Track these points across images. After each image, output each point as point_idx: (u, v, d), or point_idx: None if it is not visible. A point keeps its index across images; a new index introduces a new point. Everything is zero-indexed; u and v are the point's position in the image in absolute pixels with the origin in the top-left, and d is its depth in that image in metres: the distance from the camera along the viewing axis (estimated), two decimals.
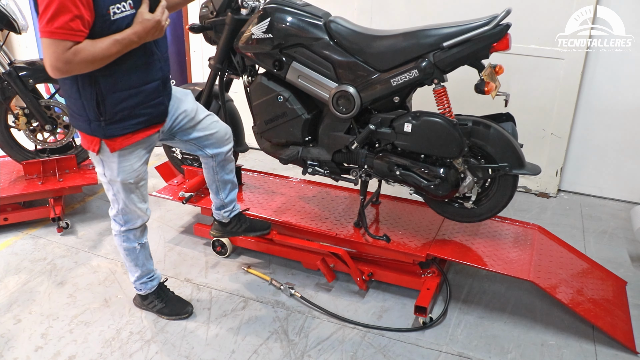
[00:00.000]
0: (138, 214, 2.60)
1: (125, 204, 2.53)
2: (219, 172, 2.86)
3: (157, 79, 2.34)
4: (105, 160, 2.40)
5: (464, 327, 2.81)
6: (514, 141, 2.62)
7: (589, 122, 4.10)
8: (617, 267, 3.28)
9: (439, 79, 2.57)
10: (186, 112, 2.59)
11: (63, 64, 1.99)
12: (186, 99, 2.62)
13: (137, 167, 2.44)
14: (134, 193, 2.51)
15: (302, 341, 2.70)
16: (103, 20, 2.04)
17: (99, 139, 2.31)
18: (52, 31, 1.94)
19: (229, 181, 2.93)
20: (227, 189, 2.95)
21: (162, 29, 2.18)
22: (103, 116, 2.24)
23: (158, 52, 2.32)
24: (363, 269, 3.02)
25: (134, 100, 2.28)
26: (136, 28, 2.10)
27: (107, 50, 2.05)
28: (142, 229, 2.69)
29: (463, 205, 2.85)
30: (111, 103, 2.23)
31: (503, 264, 2.77)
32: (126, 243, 2.67)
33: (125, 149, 2.37)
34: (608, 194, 4.25)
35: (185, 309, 2.88)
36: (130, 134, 2.34)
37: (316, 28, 2.74)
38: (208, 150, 2.74)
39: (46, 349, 2.64)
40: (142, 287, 2.83)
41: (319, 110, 2.97)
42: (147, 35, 2.14)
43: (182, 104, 2.59)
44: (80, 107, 2.26)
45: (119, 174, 2.41)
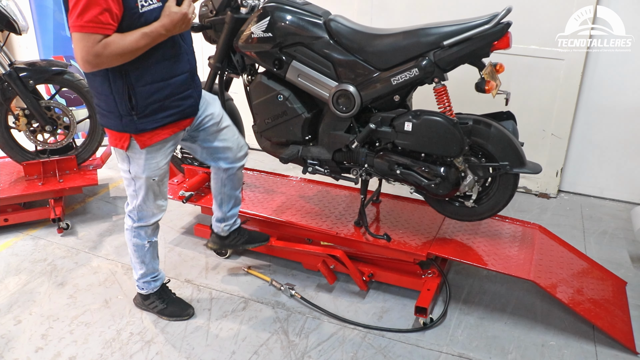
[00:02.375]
0: (154, 211, 2.63)
1: (144, 200, 2.56)
2: (227, 185, 2.89)
3: (186, 71, 2.39)
4: (132, 157, 2.43)
5: (464, 327, 2.80)
6: (514, 140, 2.62)
7: (589, 123, 4.10)
8: (617, 267, 3.28)
9: (440, 77, 2.57)
10: (213, 115, 2.64)
11: (93, 57, 2.03)
12: (214, 103, 2.68)
13: (162, 164, 2.49)
14: (154, 190, 2.55)
15: (302, 342, 2.70)
16: (132, 14, 2.08)
17: (129, 135, 2.35)
18: (82, 25, 1.98)
19: (234, 196, 2.96)
20: (230, 204, 2.98)
21: (189, 21, 2.21)
22: (135, 110, 2.28)
23: (185, 45, 2.37)
24: (363, 270, 3.01)
25: (164, 93, 2.32)
26: (164, 21, 2.13)
27: (136, 43, 2.09)
28: (154, 227, 2.71)
29: (464, 204, 2.84)
30: (142, 96, 2.27)
31: (504, 263, 2.77)
32: (136, 239, 2.69)
33: (153, 146, 2.41)
34: (608, 194, 4.25)
35: (186, 311, 2.88)
36: (160, 130, 2.39)
37: (316, 27, 2.74)
38: (222, 163, 2.78)
39: (46, 350, 2.64)
40: (144, 286, 2.83)
41: (319, 109, 2.97)
42: (175, 28, 2.17)
43: (210, 106, 2.64)
44: (111, 103, 2.29)
45: (144, 171, 2.45)
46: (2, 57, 3.54)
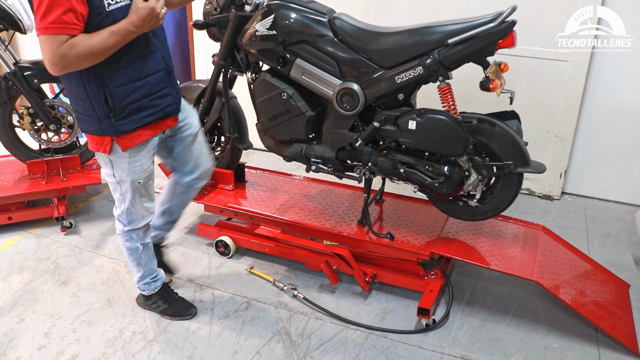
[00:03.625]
0: (143, 214, 2.61)
1: (132, 203, 2.54)
2: (177, 199, 2.92)
3: (161, 69, 2.36)
4: (115, 161, 2.41)
5: (466, 329, 2.79)
6: (519, 139, 2.61)
7: (594, 125, 4.09)
8: (621, 270, 3.26)
9: (444, 76, 2.57)
10: (191, 125, 2.66)
11: (59, 59, 2.00)
12: (193, 114, 2.72)
13: (146, 167, 2.47)
14: (141, 193, 2.53)
15: (304, 342, 2.69)
16: (98, 13, 2.05)
17: (110, 138, 2.32)
18: (46, 26, 1.95)
19: (176, 212, 2.99)
20: (169, 217, 3.00)
21: (159, 16, 2.16)
22: (113, 112, 2.26)
23: (158, 43, 2.34)
24: (366, 271, 3.00)
25: (140, 92, 2.29)
26: (132, 18, 2.09)
27: (104, 42, 2.05)
28: (145, 229, 2.68)
29: (467, 203, 2.83)
30: (119, 97, 2.24)
31: (507, 264, 2.76)
32: (129, 242, 2.67)
33: (136, 148, 2.38)
34: (612, 196, 4.23)
35: (188, 311, 2.87)
36: (141, 130, 2.36)
37: (320, 25, 2.74)
38: (186, 176, 2.83)
39: (49, 348, 2.64)
40: (145, 288, 2.82)
41: (323, 107, 2.97)
42: (144, 24, 2.12)
43: (190, 116, 2.67)
44: (89, 106, 2.26)
45: (129, 174, 2.43)
46: (7, 56, 3.56)
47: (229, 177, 3.48)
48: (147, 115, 2.35)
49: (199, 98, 3.32)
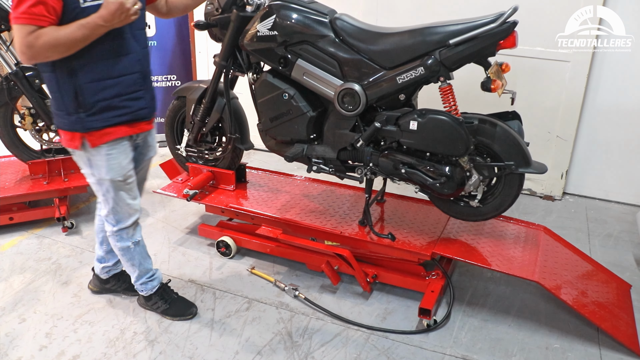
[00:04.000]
0: (129, 212, 2.60)
1: (116, 202, 2.54)
2: None
3: (136, 72, 2.37)
4: (92, 160, 2.42)
5: (468, 329, 2.79)
6: (520, 139, 2.61)
7: (595, 125, 4.09)
8: (622, 270, 3.26)
9: (445, 76, 2.57)
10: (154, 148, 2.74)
11: (26, 48, 2.04)
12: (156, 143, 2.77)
13: (125, 164, 2.47)
14: (123, 190, 2.52)
15: (305, 343, 2.69)
16: (73, 8, 2.09)
17: (80, 134, 2.34)
18: (17, 16, 2.02)
19: None
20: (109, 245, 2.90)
21: (128, 12, 2.13)
22: (82, 107, 2.28)
23: (136, 45, 2.35)
24: (367, 271, 3.00)
25: (111, 91, 2.31)
26: (101, 12, 2.09)
27: (72, 34, 2.07)
28: (135, 227, 2.67)
29: (469, 203, 2.83)
30: (89, 93, 2.26)
31: (508, 264, 2.76)
32: (120, 243, 2.67)
33: (112, 146, 2.39)
34: (614, 197, 4.23)
35: (189, 310, 2.87)
36: (111, 128, 2.37)
37: (321, 25, 2.75)
38: None
39: (50, 349, 2.64)
40: (143, 288, 2.82)
41: (324, 107, 2.97)
42: (114, 19, 2.11)
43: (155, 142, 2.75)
44: (60, 100, 2.30)
45: (107, 172, 2.43)
46: (8, 56, 3.56)
47: (230, 178, 3.48)
48: (117, 115, 2.36)
49: (200, 98, 3.33)
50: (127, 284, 3.02)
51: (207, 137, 3.46)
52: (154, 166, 4.68)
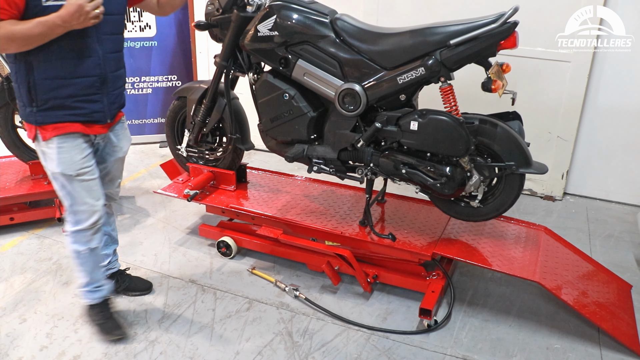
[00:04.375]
0: (88, 211, 2.53)
1: (73, 199, 2.49)
2: None
3: (94, 75, 2.35)
4: (45, 152, 2.42)
5: (468, 330, 2.79)
6: (520, 140, 2.61)
7: (596, 125, 4.09)
8: (623, 270, 3.27)
9: (446, 77, 2.57)
10: (121, 149, 2.69)
11: None
12: (128, 140, 2.75)
13: (77, 159, 2.43)
14: (79, 187, 2.47)
15: (306, 343, 2.69)
16: (34, 5, 2.10)
17: (34, 126, 2.36)
18: None
19: (105, 233, 2.88)
20: (102, 241, 2.81)
21: (87, 15, 2.12)
22: (35, 102, 2.30)
23: (99, 49, 2.33)
24: (368, 271, 3.00)
25: (65, 91, 2.31)
26: (61, 12, 2.10)
27: (29, 30, 2.08)
28: (94, 231, 2.58)
29: (469, 204, 2.83)
30: (42, 89, 2.28)
31: (509, 264, 2.76)
32: (74, 245, 2.59)
33: (63, 139, 2.37)
34: (614, 197, 4.23)
35: (116, 331, 2.72)
36: (64, 124, 2.36)
37: (322, 25, 2.75)
38: None
39: (51, 349, 2.64)
40: (86, 296, 2.72)
41: (324, 108, 2.97)
42: (72, 20, 2.11)
43: (124, 140, 2.71)
44: (18, 91, 2.34)
45: (58, 165, 2.41)
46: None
47: (231, 178, 3.48)
48: (69, 114, 2.35)
49: (201, 99, 3.33)
50: (127, 283, 3.03)
51: (207, 137, 3.46)
52: (154, 167, 4.71)
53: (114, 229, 2.96)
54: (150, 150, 5.23)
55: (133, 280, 3.08)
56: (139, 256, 3.41)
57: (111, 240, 2.95)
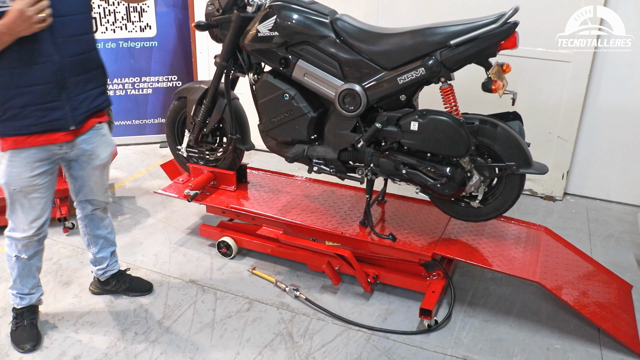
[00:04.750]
0: (22, 227, 2.48)
1: (12, 210, 2.46)
2: (88, 226, 2.82)
3: (50, 82, 2.25)
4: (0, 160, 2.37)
5: (469, 330, 2.79)
6: (521, 140, 2.61)
7: (596, 125, 4.09)
8: (623, 271, 3.26)
9: (446, 77, 2.57)
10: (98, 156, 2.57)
11: None
12: (105, 147, 2.60)
13: (25, 176, 2.35)
14: (19, 201, 2.42)
15: (306, 343, 2.69)
16: None
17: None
18: None
19: (101, 236, 2.87)
20: (98, 245, 2.89)
21: (30, 20, 2.02)
22: None
23: (56, 54, 2.22)
24: (368, 271, 3.00)
25: (22, 100, 2.22)
26: (4, 19, 2.01)
27: None
28: (26, 245, 2.54)
29: (469, 204, 2.83)
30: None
31: (509, 265, 2.76)
32: (7, 248, 2.58)
33: (15, 154, 2.31)
34: (615, 197, 4.23)
35: (24, 344, 2.63)
36: (24, 137, 2.28)
37: (322, 26, 2.75)
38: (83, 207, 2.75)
39: (51, 349, 2.64)
40: (12, 298, 2.70)
41: (325, 108, 2.97)
42: (15, 26, 2.02)
43: (100, 147, 2.57)
44: None
45: (3, 177, 2.36)
46: None
47: (231, 178, 3.48)
48: (29, 124, 2.27)
49: (201, 99, 3.33)
50: (128, 284, 3.02)
51: (207, 137, 3.46)
52: (154, 167, 4.71)
53: (110, 232, 2.92)
54: (150, 151, 5.22)
55: (134, 280, 3.07)
56: (139, 256, 3.42)
57: (107, 243, 2.92)
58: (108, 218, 2.90)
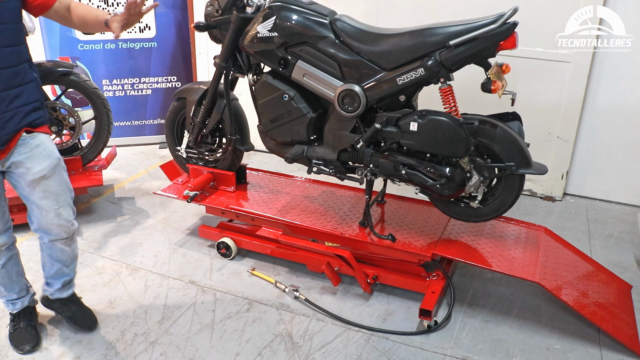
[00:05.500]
0: None
1: None
2: (44, 251, 2.63)
3: None
4: None
5: (468, 330, 2.79)
6: (520, 140, 2.61)
7: (595, 126, 4.09)
8: (623, 271, 3.26)
9: (445, 77, 2.57)
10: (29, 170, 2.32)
11: None
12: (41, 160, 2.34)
13: None
14: None
15: (306, 344, 2.69)
16: None
17: None
18: None
19: (55, 265, 2.65)
20: (52, 270, 2.67)
21: None
22: None
23: None
24: (368, 272, 3.00)
25: None
26: None
27: None
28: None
29: (469, 204, 2.83)
30: None
31: (509, 265, 2.76)
32: None
33: None
34: (614, 197, 4.23)
35: (23, 345, 2.61)
36: None
37: (322, 26, 2.75)
38: (34, 225, 2.53)
39: (51, 350, 2.64)
40: (5, 306, 2.67)
41: (324, 109, 2.97)
42: None
43: (32, 160, 2.32)
44: None
45: None
46: None
47: (231, 179, 3.48)
48: None
49: (201, 100, 3.33)
50: (71, 312, 2.77)
51: (207, 138, 3.46)
52: (154, 168, 4.71)
53: (67, 265, 2.67)
54: (149, 152, 5.22)
55: (80, 311, 2.80)
56: (138, 257, 3.41)
57: (62, 272, 2.69)
58: (72, 251, 2.66)
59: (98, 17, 2.35)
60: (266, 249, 3.29)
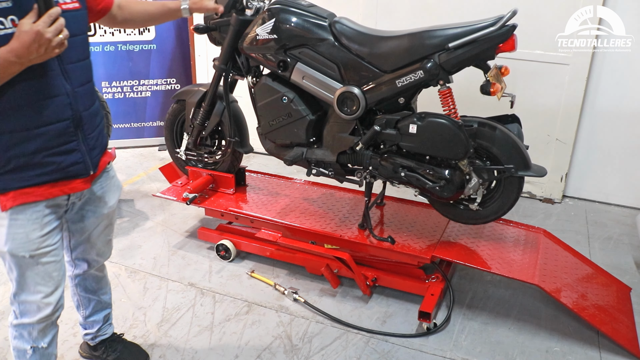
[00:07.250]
0: (37, 304, 1.98)
1: (20, 286, 1.95)
2: (79, 286, 2.39)
3: (65, 119, 1.82)
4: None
5: (468, 332, 2.79)
6: (519, 143, 2.61)
7: (594, 128, 4.09)
8: (622, 273, 3.26)
9: (445, 80, 2.57)
10: (106, 204, 2.16)
11: None
12: (115, 191, 2.21)
13: (34, 237, 1.87)
14: (31, 271, 1.92)
15: (305, 346, 2.68)
16: None
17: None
18: None
19: (93, 299, 2.43)
20: (90, 307, 2.44)
21: (49, 44, 1.60)
22: None
23: (67, 84, 1.80)
24: (367, 274, 3.00)
25: (32, 145, 1.78)
26: (12, 44, 1.57)
27: None
28: (43, 328, 2.04)
29: (468, 207, 2.83)
30: (1, 147, 1.75)
31: (508, 267, 2.76)
32: (16, 340, 2.06)
33: (19, 210, 1.84)
34: (613, 200, 4.23)
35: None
36: (32, 189, 1.84)
37: (321, 29, 2.75)
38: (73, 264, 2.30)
39: None
40: None
41: (323, 111, 2.97)
42: (30, 53, 1.58)
43: (110, 192, 2.17)
44: None
45: (7, 242, 1.86)
46: None
47: (230, 181, 3.48)
48: (40, 174, 1.83)
49: (200, 102, 3.33)
50: (117, 354, 2.55)
51: (206, 140, 3.46)
52: (153, 170, 4.71)
53: (105, 292, 2.47)
54: (149, 154, 5.22)
55: (127, 349, 2.59)
56: (137, 259, 3.41)
57: (101, 305, 2.47)
58: (105, 276, 2.47)
59: (166, 4, 2.24)
60: (265, 251, 3.29)
